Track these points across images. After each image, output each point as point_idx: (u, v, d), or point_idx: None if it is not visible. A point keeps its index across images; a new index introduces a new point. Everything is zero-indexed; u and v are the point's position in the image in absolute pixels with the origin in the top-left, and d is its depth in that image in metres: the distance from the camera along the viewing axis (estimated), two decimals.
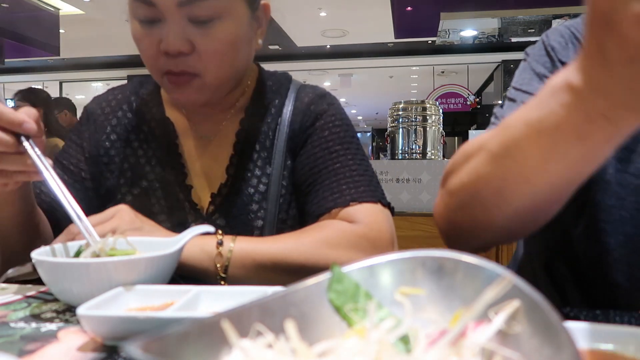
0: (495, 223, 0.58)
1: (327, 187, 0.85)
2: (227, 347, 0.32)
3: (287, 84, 0.99)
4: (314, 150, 0.90)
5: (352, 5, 6.81)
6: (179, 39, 0.78)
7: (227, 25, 0.80)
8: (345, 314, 0.38)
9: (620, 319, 0.57)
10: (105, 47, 8.60)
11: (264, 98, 0.96)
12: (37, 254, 0.63)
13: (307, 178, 0.89)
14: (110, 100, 1.01)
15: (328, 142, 0.89)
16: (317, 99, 0.95)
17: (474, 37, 7.26)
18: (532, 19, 5.89)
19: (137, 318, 0.49)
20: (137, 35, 0.83)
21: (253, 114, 0.94)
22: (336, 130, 0.90)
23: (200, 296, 0.57)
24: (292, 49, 8.87)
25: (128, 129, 0.97)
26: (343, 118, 0.94)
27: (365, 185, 0.85)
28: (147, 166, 0.94)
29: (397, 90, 11.71)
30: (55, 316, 0.61)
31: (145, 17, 0.80)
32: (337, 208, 0.83)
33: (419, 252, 0.40)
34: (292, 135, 0.92)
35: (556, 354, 0.29)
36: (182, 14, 0.78)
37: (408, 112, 3.10)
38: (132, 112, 0.98)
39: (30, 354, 0.48)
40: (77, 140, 0.99)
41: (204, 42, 0.79)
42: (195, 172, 0.93)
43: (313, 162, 0.89)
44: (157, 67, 0.83)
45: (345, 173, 0.86)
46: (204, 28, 0.79)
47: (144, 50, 0.83)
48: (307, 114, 0.93)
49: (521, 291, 0.33)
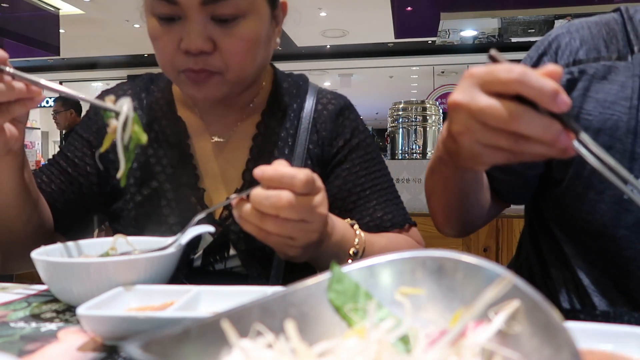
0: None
1: (377, 208, 0.91)
2: (227, 347, 0.32)
3: (305, 86, 0.97)
4: (355, 169, 0.92)
5: (352, 5, 6.81)
6: (201, 37, 0.76)
7: (250, 23, 0.79)
8: (345, 314, 0.38)
9: (620, 319, 0.57)
10: (105, 47, 8.60)
11: (280, 101, 0.94)
12: (37, 253, 0.63)
13: (350, 195, 0.91)
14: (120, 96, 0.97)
15: (366, 163, 0.93)
16: (344, 109, 0.95)
17: (474, 37, 7.26)
18: (533, 19, 5.89)
19: (137, 318, 0.49)
20: (155, 32, 0.80)
21: (270, 118, 0.92)
22: (369, 150, 0.94)
23: (200, 296, 0.57)
24: (292, 49, 8.87)
25: None
26: (368, 131, 0.98)
27: (403, 209, 0.95)
28: (158, 166, 0.90)
29: (397, 90, 11.70)
30: (55, 316, 0.61)
31: (165, 14, 0.78)
32: (396, 228, 0.91)
33: (419, 252, 0.40)
34: (320, 143, 0.91)
35: (556, 354, 0.29)
36: (205, 12, 0.76)
37: (408, 112, 3.10)
38: (142, 109, 0.95)
39: (30, 354, 0.48)
40: (84, 134, 0.96)
41: (226, 41, 0.78)
42: (208, 174, 0.91)
43: (355, 179, 0.91)
44: (174, 65, 0.81)
45: (388, 195, 0.93)
46: (227, 27, 0.77)
47: (161, 48, 0.81)
48: (337, 124, 0.93)
49: (521, 291, 0.33)
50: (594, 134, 0.76)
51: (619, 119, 0.75)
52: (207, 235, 0.86)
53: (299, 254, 0.67)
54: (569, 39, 0.81)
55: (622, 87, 0.76)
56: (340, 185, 0.91)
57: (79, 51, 8.70)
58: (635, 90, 0.75)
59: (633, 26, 0.78)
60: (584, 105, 0.77)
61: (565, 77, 0.78)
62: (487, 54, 0.51)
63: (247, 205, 0.62)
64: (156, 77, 0.99)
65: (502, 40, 7.00)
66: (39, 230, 0.85)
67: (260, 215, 0.61)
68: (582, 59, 0.79)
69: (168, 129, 0.92)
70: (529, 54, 0.85)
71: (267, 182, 0.61)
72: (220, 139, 0.92)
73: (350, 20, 7.54)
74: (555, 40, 0.82)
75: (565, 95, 0.45)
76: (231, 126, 0.93)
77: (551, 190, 0.84)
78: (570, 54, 0.79)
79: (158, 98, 0.95)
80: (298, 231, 0.63)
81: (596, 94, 0.77)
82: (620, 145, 0.75)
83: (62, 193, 0.92)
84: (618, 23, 0.80)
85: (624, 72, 0.76)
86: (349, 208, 0.90)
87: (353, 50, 9.11)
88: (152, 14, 0.80)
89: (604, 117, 0.76)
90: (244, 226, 0.64)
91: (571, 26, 0.83)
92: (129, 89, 0.98)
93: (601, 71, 0.77)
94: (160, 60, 0.83)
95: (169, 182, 0.89)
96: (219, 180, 0.91)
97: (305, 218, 0.62)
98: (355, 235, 0.77)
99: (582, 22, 0.83)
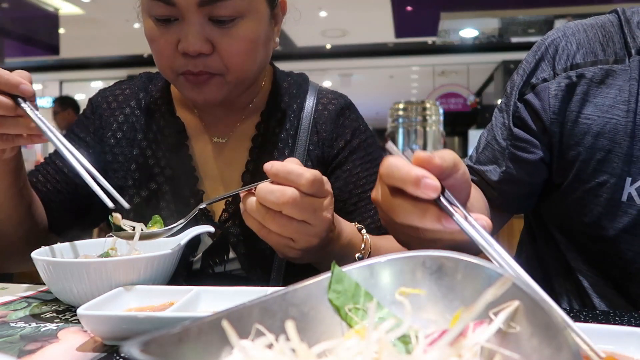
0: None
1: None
2: (227, 347, 0.32)
3: (305, 86, 0.96)
4: (355, 170, 0.91)
5: (352, 5, 6.81)
6: (199, 39, 0.75)
7: (248, 24, 0.78)
8: (345, 314, 0.38)
9: (620, 319, 0.57)
10: (105, 47, 8.60)
11: (280, 101, 0.93)
12: (37, 254, 0.63)
13: (351, 197, 0.90)
14: (118, 95, 0.96)
15: (367, 164, 0.92)
16: (344, 109, 0.94)
17: (474, 37, 7.27)
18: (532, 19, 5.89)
19: (137, 318, 0.49)
20: (152, 34, 0.79)
21: (269, 118, 0.91)
22: (371, 150, 0.93)
23: (200, 296, 0.57)
24: (292, 49, 8.87)
25: (136, 128, 0.92)
26: (370, 130, 0.96)
27: None
28: (156, 168, 0.89)
29: (397, 90, 11.69)
30: (55, 316, 0.61)
31: (162, 15, 0.76)
32: None
33: (419, 252, 0.40)
34: (320, 144, 0.90)
35: (556, 354, 0.29)
36: (202, 13, 0.75)
37: (408, 112, 3.10)
38: (140, 109, 0.93)
39: (30, 354, 0.48)
40: (80, 134, 0.94)
41: (225, 42, 0.77)
42: (208, 176, 0.90)
43: (357, 181, 0.90)
44: (173, 67, 0.79)
45: None
46: (225, 28, 0.76)
47: (159, 49, 0.79)
48: (337, 125, 0.92)
49: (521, 291, 0.33)
50: (594, 138, 0.76)
51: (617, 122, 0.75)
52: (207, 238, 0.86)
53: (299, 256, 0.67)
54: (565, 43, 0.80)
55: (620, 90, 0.76)
56: (340, 187, 0.90)
57: (78, 51, 8.69)
58: (632, 94, 0.75)
59: (630, 28, 0.78)
60: (583, 110, 0.77)
61: (564, 81, 0.78)
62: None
63: (253, 198, 0.62)
64: (154, 77, 0.98)
65: (502, 40, 7.01)
66: (31, 231, 0.85)
67: (264, 211, 0.61)
68: (579, 63, 0.78)
69: (167, 130, 0.91)
70: (526, 59, 0.85)
71: (274, 177, 0.60)
72: (220, 140, 0.91)
73: (350, 20, 7.54)
74: (552, 44, 0.82)
75: (431, 181, 0.45)
76: (230, 127, 0.92)
77: (550, 194, 0.85)
78: (568, 58, 0.79)
79: (156, 98, 0.94)
80: (299, 233, 0.62)
81: (595, 98, 0.77)
82: (619, 149, 0.75)
83: (58, 193, 0.91)
84: (614, 25, 0.80)
85: (622, 76, 0.76)
86: (349, 210, 0.89)
87: (353, 50, 9.11)
88: (149, 15, 0.78)
89: (603, 121, 0.76)
90: (247, 221, 0.64)
91: (567, 29, 0.82)
92: (127, 89, 0.97)
93: (599, 75, 0.77)
94: (158, 63, 0.82)
95: (168, 184, 0.88)
96: (219, 182, 0.90)
97: (308, 219, 0.61)
98: (362, 241, 0.76)
99: (577, 25, 0.82)
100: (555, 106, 0.79)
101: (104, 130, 0.93)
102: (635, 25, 0.78)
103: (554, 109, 0.79)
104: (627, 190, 0.76)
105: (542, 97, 0.80)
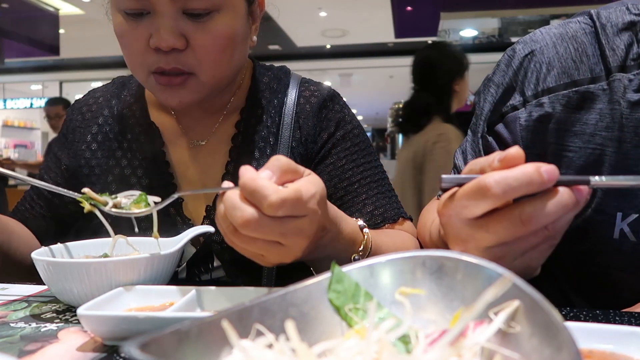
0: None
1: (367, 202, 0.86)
2: (227, 347, 0.32)
3: (286, 79, 0.91)
4: (340, 163, 0.87)
5: (352, 5, 6.81)
6: (172, 33, 0.72)
7: (224, 19, 0.74)
8: (345, 314, 0.38)
9: (620, 319, 0.57)
10: (105, 47, 8.55)
11: (260, 97, 0.88)
12: (37, 254, 0.63)
13: (336, 191, 0.86)
14: (91, 105, 0.93)
15: (353, 155, 0.88)
16: (327, 101, 0.89)
17: (474, 37, 7.26)
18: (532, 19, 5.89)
19: (137, 318, 0.49)
20: (122, 29, 0.75)
21: (249, 116, 0.87)
22: (357, 141, 0.89)
23: (200, 296, 0.57)
24: (292, 49, 8.86)
25: (110, 137, 0.89)
26: (356, 120, 0.92)
27: (397, 202, 0.89)
28: (133, 177, 0.86)
29: (397, 90, 11.68)
30: (55, 316, 0.61)
31: (132, 9, 0.73)
32: (387, 223, 0.86)
33: (419, 252, 0.40)
34: (303, 140, 0.86)
35: (556, 354, 0.29)
36: (176, 6, 0.72)
37: None
38: (113, 117, 0.90)
39: (31, 354, 0.48)
40: (56, 151, 0.93)
41: (199, 37, 0.73)
42: (186, 181, 0.86)
43: (341, 174, 0.86)
44: (144, 65, 0.76)
45: (379, 188, 0.88)
46: (200, 22, 0.73)
47: (128, 46, 0.76)
48: (320, 118, 0.87)
49: (521, 291, 0.33)
50: (578, 172, 0.68)
51: (602, 153, 0.67)
52: (190, 247, 0.84)
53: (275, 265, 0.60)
54: (534, 64, 0.71)
55: (601, 115, 0.67)
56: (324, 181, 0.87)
57: (78, 51, 8.69)
58: (615, 120, 0.66)
59: (607, 38, 0.68)
60: (562, 141, 0.69)
61: (535, 110, 0.70)
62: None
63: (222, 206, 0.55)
64: (128, 81, 0.95)
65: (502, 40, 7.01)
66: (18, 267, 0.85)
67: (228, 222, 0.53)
68: (550, 87, 0.69)
69: (142, 137, 0.88)
70: (493, 79, 0.76)
71: (241, 189, 0.52)
72: (199, 143, 0.88)
73: (350, 20, 7.54)
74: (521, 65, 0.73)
75: (545, 165, 0.42)
76: (210, 128, 0.88)
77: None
78: (538, 82, 0.70)
79: (130, 104, 0.91)
80: (268, 251, 0.55)
81: (573, 127, 0.68)
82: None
83: (43, 218, 0.93)
84: (587, 33, 0.70)
85: (601, 98, 0.67)
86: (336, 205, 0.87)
87: (353, 50, 9.10)
88: (118, 10, 0.75)
89: (586, 153, 0.67)
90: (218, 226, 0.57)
91: (534, 44, 0.73)
92: (101, 97, 0.94)
93: (575, 100, 0.68)
94: (129, 60, 0.78)
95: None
96: (198, 187, 0.87)
97: (278, 240, 0.53)
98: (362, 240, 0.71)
99: (545, 39, 0.73)
100: (528, 139, 0.70)
101: (78, 143, 0.91)
102: (613, 33, 0.68)
103: (527, 142, 0.70)
104: (618, 227, 0.68)
105: (512, 128, 0.71)
